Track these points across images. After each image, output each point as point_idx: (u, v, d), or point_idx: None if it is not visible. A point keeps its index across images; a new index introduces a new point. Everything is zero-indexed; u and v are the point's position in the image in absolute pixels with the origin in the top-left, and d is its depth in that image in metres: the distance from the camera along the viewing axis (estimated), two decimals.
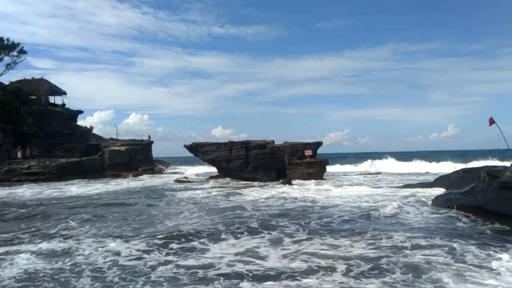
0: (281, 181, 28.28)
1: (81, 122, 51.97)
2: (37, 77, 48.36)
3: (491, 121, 15.42)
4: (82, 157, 41.08)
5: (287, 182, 27.54)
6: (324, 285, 7.04)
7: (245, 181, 31.39)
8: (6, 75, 46.55)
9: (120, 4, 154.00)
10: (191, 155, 37.91)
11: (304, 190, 23.60)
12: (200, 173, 44.78)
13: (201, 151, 35.67)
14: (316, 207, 16.50)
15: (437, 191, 19.53)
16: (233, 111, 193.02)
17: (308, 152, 30.81)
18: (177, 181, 33.42)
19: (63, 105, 49.00)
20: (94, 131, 50.22)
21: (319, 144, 32.23)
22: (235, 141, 34.38)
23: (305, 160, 30.55)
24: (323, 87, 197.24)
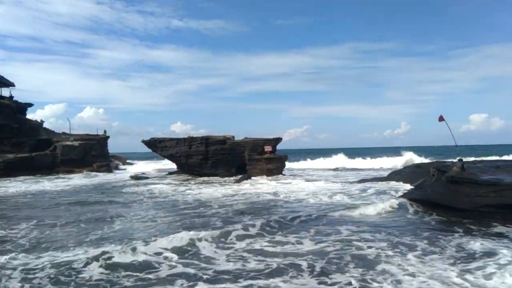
0: (241, 177, 28.30)
1: (31, 115, 49.21)
2: None
3: (441, 118, 16.02)
4: (32, 153, 38.92)
5: (247, 177, 27.59)
6: (289, 285, 6.86)
7: (205, 177, 31.16)
8: None
9: None
10: (150, 150, 37.10)
11: (263, 185, 23.78)
12: (158, 169, 43.92)
13: (159, 147, 34.96)
14: (274, 203, 16.68)
15: (390, 185, 20.39)
16: (193, 106, 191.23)
17: (268, 147, 31.06)
18: (134, 177, 32.45)
19: (11, 97, 46.09)
20: (45, 125, 47.92)
21: (278, 140, 32.55)
22: (194, 136, 34.02)
23: (265, 155, 30.75)
24: (284, 83, 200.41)
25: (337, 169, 43.25)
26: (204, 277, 7.23)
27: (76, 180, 31.45)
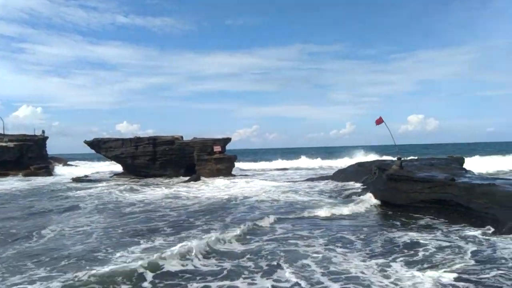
0: (189, 177, 27.87)
1: None
2: None
3: (378, 121, 16.29)
4: None
5: (196, 178, 27.26)
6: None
7: (152, 178, 30.35)
8: None
9: None
10: (93, 152, 35.43)
11: (211, 186, 23.60)
12: (102, 171, 42.06)
13: (104, 148, 33.49)
14: (222, 203, 16.58)
15: (334, 183, 21.12)
16: (140, 106, 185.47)
17: (217, 148, 30.90)
18: (75, 180, 30.69)
19: None
20: None
21: (228, 140, 32.50)
22: (141, 136, 33.02)
23: (214, 156, 30.56)
24: (233, 83, 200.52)
25: (287, 169, 44.08)
26: None
27: (9, 183, 29.23)
